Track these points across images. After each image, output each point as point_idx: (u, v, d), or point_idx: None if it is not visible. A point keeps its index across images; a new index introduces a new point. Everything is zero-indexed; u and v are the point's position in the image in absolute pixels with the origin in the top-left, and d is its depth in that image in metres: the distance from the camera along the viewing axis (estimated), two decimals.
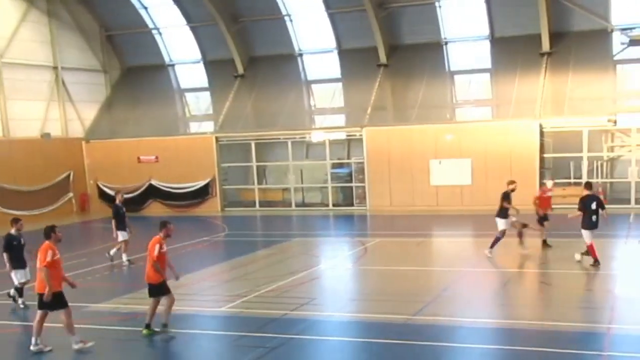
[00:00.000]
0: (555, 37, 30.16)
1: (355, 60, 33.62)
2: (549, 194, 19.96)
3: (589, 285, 15.46)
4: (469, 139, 28.74)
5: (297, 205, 32.82)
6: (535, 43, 30.14)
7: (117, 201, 19.78)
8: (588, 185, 16.95)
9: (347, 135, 31.98)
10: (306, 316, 13.18)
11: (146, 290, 12.19)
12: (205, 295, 15.34)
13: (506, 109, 29.68)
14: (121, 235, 19.29)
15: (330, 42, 34.29)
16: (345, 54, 34.17)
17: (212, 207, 32.82)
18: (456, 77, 33.06)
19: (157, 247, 11.93)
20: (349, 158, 32.90)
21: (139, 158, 33.86)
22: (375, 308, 13.81)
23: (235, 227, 27.32)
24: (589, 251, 16.29)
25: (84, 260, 19.82)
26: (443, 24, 32.33)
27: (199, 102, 38.10)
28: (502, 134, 28.27)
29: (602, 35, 29.97)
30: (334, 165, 32.62)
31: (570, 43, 30.09)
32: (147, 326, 12.06)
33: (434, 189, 29.22)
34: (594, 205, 16.02)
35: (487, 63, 32.41)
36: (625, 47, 29.15)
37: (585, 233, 16.26)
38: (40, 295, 11.21)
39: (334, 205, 31.86)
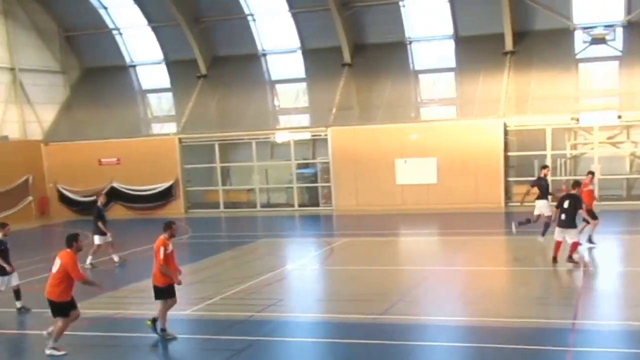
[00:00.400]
0: (519, 36, 30.56)
1: (319, 60, 33.65)
2: (590, 187, 19.07)
3: (554, 281, 15.62)
4: (434, 138, 28.94)
5: (262, 206, 32.72)
6: (498, 42, 30.49)
7: (99, 203, 19.59)
8: (573, 184, 16.88)
9: (312, 135, 31.96)
10: (273, 317, 13.10)
11: (111, 295, 11.99)
12: None
13: (471, 108, 29.96)
14: (100, 239, 19.02)
15: (294, 41, 34.25)
16: (310, 54, 34.16)
17: (176, 209, 32.53)
18: (421, 76, 33.31)
19: (162, 249, 11.62)
20: (314, 158, 32.90)
21: (100, 160, 33.42)
22: (343, 308, 13.77)
23: (200, 229, 27.10)
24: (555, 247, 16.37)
25: (43, 265, 19.40)
26: (407, 24, 32.52)
27: (161, 103, 37.79)
28: (466, 133, 28.52)
29: (565, 34, 30.44)
30: (299, 166, 32.59)
31: (533, 42, 30.51)
32: (163, 330, 11.77)
33: (400, 188, 29.36)
34: (565, 204, 16.10)
35: (452, 62, 32.72)
36: (587, 46, 29.67)
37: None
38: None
39: (299, 205, 31.83)
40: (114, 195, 32.98)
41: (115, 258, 19.19)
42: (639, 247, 19.56)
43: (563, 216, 15.97)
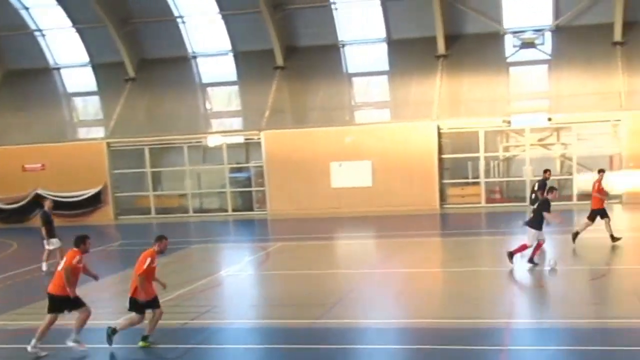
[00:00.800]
0: (450, 39, 31.14)
1: (251, 63, 33.54)
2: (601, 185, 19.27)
3: (489, 281, 15.88)
4: (369, 141, 29.18)
5: (195, 211, 32.34)
6: (431, 45, 30.98)
7: (46, 208, 19.12)
8: (548, 190, 17.03)
9: (245, 139, 31.79)
10: (207, 325, 12.92)
11: (41, 303, 11.58)
12: (100, 307, 14.68)
13: (404, 111, 30.34)
14: (52, 244, 18.63)
15: (225, 44, 34.01)
16: (241, 57, 34.02)
17: (105, 215, 31.82)
18: (354, 79, 33.57)
19: (148, 260, 11.38)
20: (247, 162, 32.72)
21: (23, 166, 32.38)
22: (279, 313, 13.69)
23: (130, 235, 26.59)
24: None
25: None
26: (340, 26, 32.72)
27: (88, 107, 37.00)
28: (401, 136, 28.87)
29: (495, 38, 31.18)
30: (233, 170, 32.38)
31: (465, 46, 31.13)
32: (144, 338, 11.44)
33: (335, 191, 29.48)
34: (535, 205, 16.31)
35: (385, 65, 33.06)
36: (517, 50, 30.46)
37: None
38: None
39: (233, 210, 31.60)
40: (39, 202, 31.96)
41: (44, 267, 18.69)
42: (569, 246, 20.09)
43: (530, 216, 16.22)
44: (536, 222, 15.90)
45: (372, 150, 29.07)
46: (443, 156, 29.14)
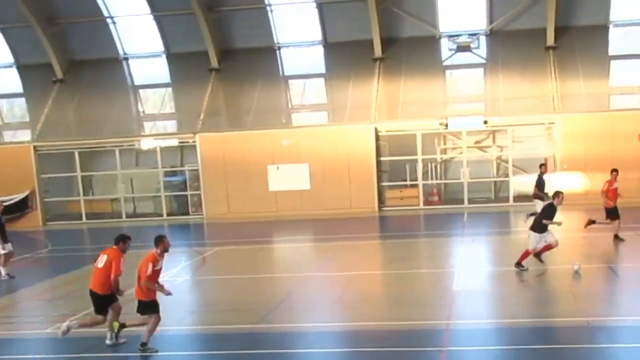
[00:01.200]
0: (387, 42, 31.41)
1: (185, 65, 33.19)
2: (615, 185, 19.38)
3: (429, 283, 16.04)
4: (306, 144, 29.17)
5: (128, 216, 31.71)
6: (368, 48, 31.21)
7: None
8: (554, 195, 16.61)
9: (180, 142, 31.38)
10: (141, 332, 12.61)
11: None
12: (29, 316, 14.33)
13: (342, 114, 30.48)
14: (6, 248, 18.13)
15: (158, 45, 33.55)
16: (175, 58, 33.63)
17: (33, 221, 30.88)
18: (291, 81, 33.55)
19: (150, 265, 11.31)
20: (182, 165, 32.29)
21: None
22: (217, 319, 13.51)
23: (60, 241, 25.85)
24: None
25: None
26: (276, 29, 32.68)
27: (13, 109, 35.90)
28: (338, 138, 28.96)
29: (431, 42, 31.64)
30: (167, 173, 31.88)
31: (402, 49, 31.48)
32: (144, 344, 11.39)
33: (273, 194, 29.37)
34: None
35: (322, 68, 33.14)
36: (453, 53, 30.98)
37: None
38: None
39: (168, 214, 31.11)
40: None
41: (3, 272, 18.15)
42: (507, 247, 20.53)
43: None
44: (538, 226, 15.90)
45: (310, 153, 29.07)
46: (381, 159, 29.35)
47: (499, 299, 14.22)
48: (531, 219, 17.53)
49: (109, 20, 33.15)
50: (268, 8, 32.23)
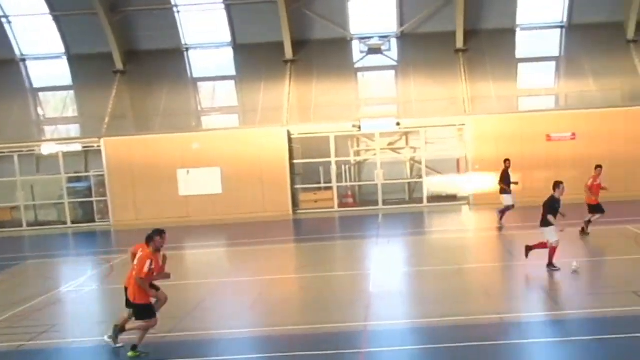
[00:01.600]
0: (298, 44, 31.47)
1: (88, 67, 32.36)
2: (598, 181, 20.03)
3: (345, 285, 16.08)
4: (218, 147, 28.86)
5: (29, 225, 30.51)
6: (278, 50, 31.21)
7: None
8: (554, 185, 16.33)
9: (84, 147, 30.39)
10: (46, 345, 12.16)
11: None
12: None
13: (253, 116, 30.31)
14: None
15: (58, 46, 32.53)
16: (77, 60, 32.75)
17: None
18: (200, 84, 33.13)
19: (148, 262, 11.02)
20: (87, 171, 31.29)
21: None
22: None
23: None
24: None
25: None
26: (183, 30, 32.25)
27: None
28: (251, 142, 28.77)
29: (343, 44, 31.90)
30: (71, 179, 30.84)
31: (313, 51, 31.62)
32: (135, 346, 11.21)
33: (184, 199, 28.90)
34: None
35: (232, 70, 32.89)
36: (365, 56, 31.32)
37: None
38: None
39: (73, 222, 30.11)
40: None
41: None
42: (422, 247, 20.88)
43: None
44: (546, 222, 15.60)
45: (222, 156, 28.77)
46: (294, 161, 29.34)
47: (415, 299, 14.41)
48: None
49: (4, 20, 31.89)
50: (175, 9, 31.78)
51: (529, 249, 16.16)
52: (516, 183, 22.47)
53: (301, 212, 29.03)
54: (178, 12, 31.94)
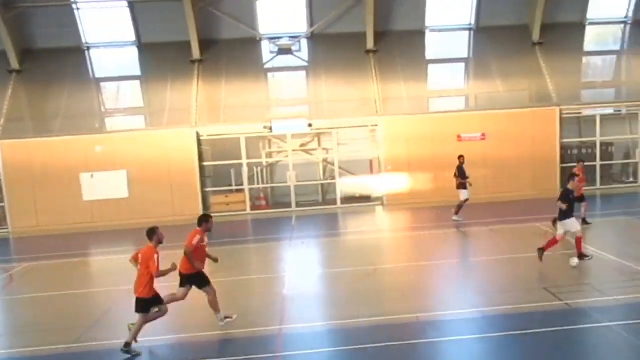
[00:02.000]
0: (206, 44, 31.17)
1: None
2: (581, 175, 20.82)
3: (260, 289, 15.99)
4: (123, 150, 28.19)
5: None
6: (185, 50, 30.80)
7: None
8: (568, 177, 16.88)
9: None
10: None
11: None
12: None
13: (161, 117, 29.75)
14: None
15: None
16: None
17: None
18: (103, 84, 32.25)
19: (155, 256, 11.84)
20: None
21: None
22: (28, 340, 12.65)
23: None
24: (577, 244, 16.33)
25: None
26: (84, 28, 31.41)
27: None
28: (158, 143, 28.24)
29: (252, 44, 31.75)
30: None
31: (221, 51, 31.38)
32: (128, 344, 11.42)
33: (88, 204, 28.07)
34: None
35: (137, 70, 32.21)
36: (275, 56, 31.29)
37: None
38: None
39: None
40: None
41: None
42: (336, 249, 20.99)
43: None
44: (562, 214, 15.99)
45: (128, 159, 28.11)
46: (204, 163, 28.98)
47: (331, 301, 14.45)
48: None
49: None
50: (74, 6, 30.92)
51: (541, 251, 16.38)
52: (468, 178, 23.50)
53: (212, 215, 28.55)
54: (78, 9, 31.10)
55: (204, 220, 12.98)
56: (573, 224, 16.11)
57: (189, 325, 12.94)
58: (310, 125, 29.01)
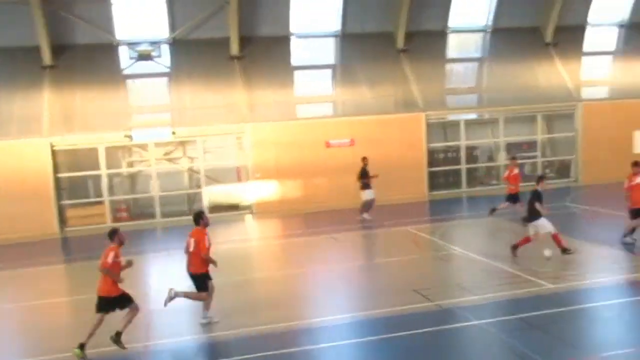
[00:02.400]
0: (58, 50, 29.75)
1: None
2: (516, 171, 22.20)
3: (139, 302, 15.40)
4: None
5: None
6: (34, 56, 29.28)
7: None
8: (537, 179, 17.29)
9: None
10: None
11: None
12: None
13: (9, 127, 28.08)
14: None
15: None
16: None
17: None
18: None
19: (111, 254, 12.07)
20: None
21: None
22: None
23: None
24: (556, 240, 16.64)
25: None
26: None
27: None
28: (7, 156, 26.67)
29: (109, 49, 30.65)
30: None
31: (75, 57, 30.03)
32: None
33: None
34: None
35: None
36: (134, 62, 30.42)
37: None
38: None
39: None
40: None
41: None
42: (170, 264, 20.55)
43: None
44: (533, 215, 16.49)
45: None
46: (59, 175, 27.66)
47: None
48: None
49: None
50: None
51: (514, 247, 16.86)
52: (377, 175, 24.44)
53: (70, 229, 27.38)
54: None
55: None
56: (544, 225, 16.71)
57: (46, 348, 12.20)
58: (173, 133, 28.37)
